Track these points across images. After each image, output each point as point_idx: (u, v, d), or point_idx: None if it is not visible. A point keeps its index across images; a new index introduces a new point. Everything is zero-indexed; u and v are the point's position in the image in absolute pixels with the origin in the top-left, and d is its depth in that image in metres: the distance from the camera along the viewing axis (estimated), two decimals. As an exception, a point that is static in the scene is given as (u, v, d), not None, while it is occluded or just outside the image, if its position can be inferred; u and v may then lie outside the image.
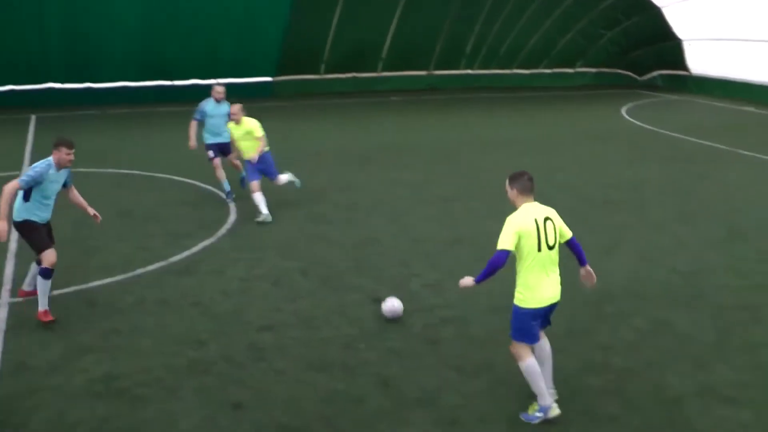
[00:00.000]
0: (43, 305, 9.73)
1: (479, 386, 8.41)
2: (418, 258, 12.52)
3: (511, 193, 7.75)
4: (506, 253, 7.29)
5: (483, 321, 10.14)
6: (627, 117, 29.20)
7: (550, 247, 7.41)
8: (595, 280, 7.93)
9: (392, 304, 9.99)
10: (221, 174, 15.80)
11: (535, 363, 7.52)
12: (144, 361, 8.84)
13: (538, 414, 7.53)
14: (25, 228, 9.67)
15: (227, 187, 15.82)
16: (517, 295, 7.55)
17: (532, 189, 7.67)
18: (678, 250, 13.18)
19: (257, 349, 9.21)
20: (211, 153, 15.78)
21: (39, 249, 9.69)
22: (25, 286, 10.42)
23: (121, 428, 7.47)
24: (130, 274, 11.51)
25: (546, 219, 7.45)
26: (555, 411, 7.54)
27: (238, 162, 15.95)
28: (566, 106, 32.45)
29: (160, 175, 17.89)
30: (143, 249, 12.68)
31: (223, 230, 13.79)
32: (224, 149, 15.74)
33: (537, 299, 7.44)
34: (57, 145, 9.64)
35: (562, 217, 7.74)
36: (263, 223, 14.20)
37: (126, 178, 17.90)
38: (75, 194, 10.27)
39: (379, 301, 10.58)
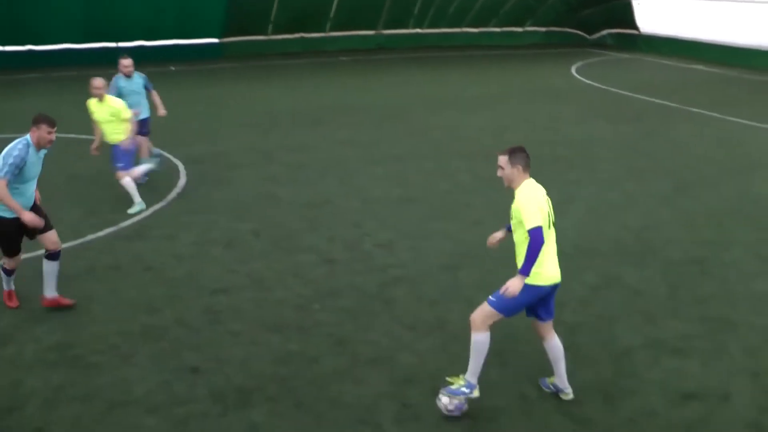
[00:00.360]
0: (7, 287, 9.21)
1: (432, 344, 8.49)
2: (370, 218, 12.54)
3: (512, 171, 6.89)
4: (541, 229, 6.61)
5: (434, 279, 10.20)
6: (577, 75, 29.37)
7: (552, 224, 7.04)
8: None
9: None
10: (146, 151, 14.43)
11: (489, 341, 7.02)
12: (97, 328, 8.75)
13: (464, 389, 7.03)
14: (1, 226, 8.66)
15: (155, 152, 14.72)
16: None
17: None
18: (628, 206, 13.36)
19: (212, 313, 9.18)
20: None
21: (4, 251, 8.90)
22: (47, 293, 9.10)
23: (76, 396, 7.41)
24: (80, 241, 11.36)
25: (545, 195, 7.02)
26: (477, 393, 7.09)
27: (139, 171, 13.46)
28: (516, 65, 32.54)
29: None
30: (93, 214, 12.51)
31: (173, 194, 13.65)
32: (143, 126, 14.12)
33: (546, 277, 6.91)
34: (37, 123, 8.54)
35: (513, 174, 7.73)
36: (137, 214, 12.61)
37: (73, 142, 17.58)
38: None
39: (330, 262, 10.62)
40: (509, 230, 7.30)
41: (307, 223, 12.27)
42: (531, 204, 6.72)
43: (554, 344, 7.33)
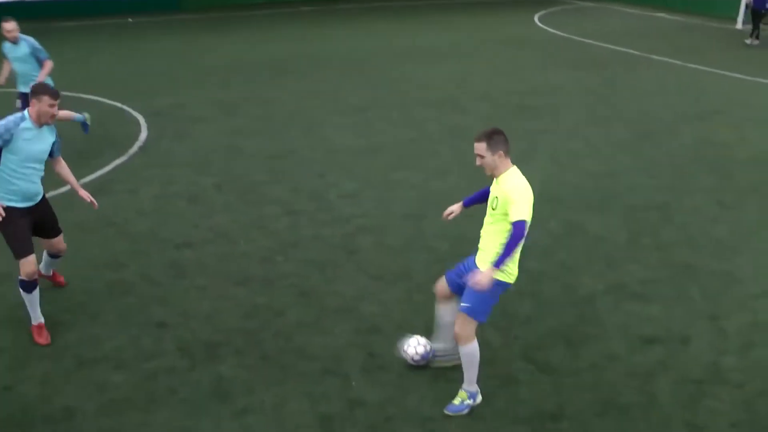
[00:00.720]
0: (35, 318, 7.64)
1: (397, 294, 8.55)
2: (335, 168, 12.52)
3: (493, 158, 6.21)
4: (526, 224, 6.07)
5: (399, 229, 10.24)
6: (540, 24, 29.28)
7: None
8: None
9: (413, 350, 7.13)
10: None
11: (478, 347, 6.54)
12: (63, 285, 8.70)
13: (468, 401, 6.62)
14: (4, 220, 7.20)
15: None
16: (503, 268, 6.25)
17: None
18: (590, 153, 13.45)
19: (177, 267, 9.15)
20: (18, 103, 12.38)
21: (15, 255, 7.41)
22: (42, 268, 8.30)
23: (45, 354, 7.36)
24: (40, 196, 11.21)
25: None
26: (480, 397, 6.69)
27: (67, 113, 12.96)
28: (479, 14, 32.33)
29: (65, 92, 17.27)
30: (53, 171, 12.31)
31: (134, 148, 13.50)
32: None
33: (516, 274, 6.45)
34: (36, 94, 7.19)
35: (478, 122, 7.73)
36: None
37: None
38: (62, 165, 8.01)
39: (294, 213, 10.62)
40: (466, 206, 6.93)
41: (270, 175, 12.22)
42: (523, 197, 6.15)
43: (455, 307, 6.74)
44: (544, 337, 7.68)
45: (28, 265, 7.38)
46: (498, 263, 6.11)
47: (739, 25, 28.98)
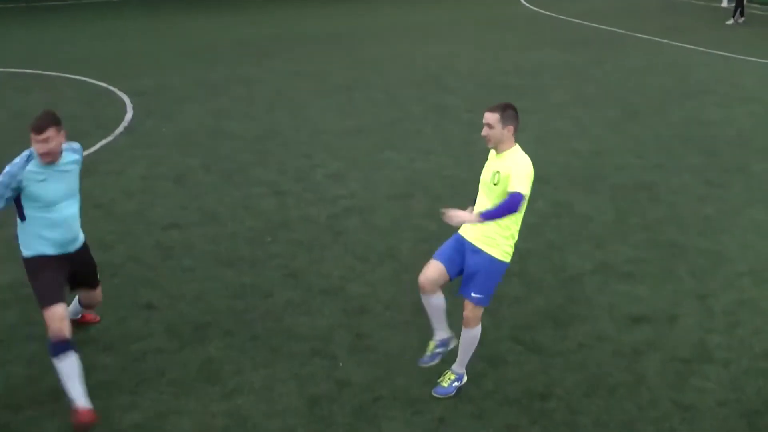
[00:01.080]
0: (77, 397, 6.04)
1: (384, 274, 8.54)
2: (320, 149, 12.48)
3: (502, 132, 6.25)
4: (524, 199, 6.01)
5: (385, 209, 10.22)
6: (525, 3, 29.20)
7: None
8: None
9: None
10: None
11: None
12: (47, 265, 8.64)
13: (455, 383, 6.59)
14: (33, 267, 6.29)
15: None
16: (506, 249, 6.26)
17: None
18: (577, 132, 13.45)
19: (164, 248, 9.11)
20: None
21: (40, 303, 6.25)
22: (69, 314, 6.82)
23: (32, 335, 7.30)
24: (25, 177, 11.11)
25: None
26: (465, 378, 6.66)
27: None
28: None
29: (50, 72, 17.19)
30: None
31: (120, 128, 13.41)
32: None
33: (512, 252, 6.37)
34: (30, 130, 6.06)
35: (463, 102, 7.69)
36: None
37: (14, 77, 17.16)
38: None
39: (281, 194, 10.58)
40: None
41: (257, 156, 12.16)
42: (527, 173, 6.11)
43: (443, 298, 6.53)
44: (532, 317, 7.70)
45: (55, 320, 6.14)
46: (486, 215, 5.93)
47: (724, 3, 28.99)
